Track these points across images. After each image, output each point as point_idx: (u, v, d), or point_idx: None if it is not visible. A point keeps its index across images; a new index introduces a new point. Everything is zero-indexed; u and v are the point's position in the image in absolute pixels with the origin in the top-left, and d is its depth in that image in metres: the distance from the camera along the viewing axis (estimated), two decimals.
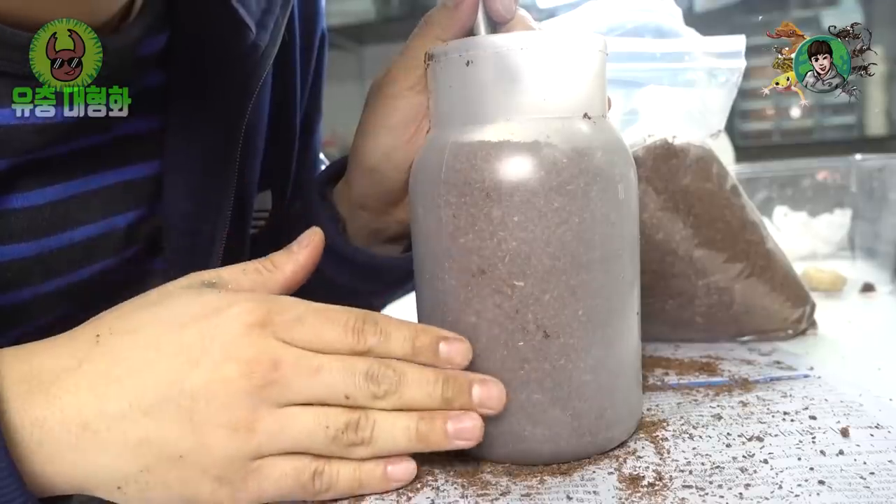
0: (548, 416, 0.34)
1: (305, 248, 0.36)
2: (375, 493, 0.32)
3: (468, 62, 0.34)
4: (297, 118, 0.56)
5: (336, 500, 0.32)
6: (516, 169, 0.33)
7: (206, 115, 0.44)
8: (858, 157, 0.86)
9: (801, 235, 0.90)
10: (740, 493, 0.30)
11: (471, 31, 0.38)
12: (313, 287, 0.37)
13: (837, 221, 0.90)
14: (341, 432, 0.31)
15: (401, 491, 0.33)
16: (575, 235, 0.33)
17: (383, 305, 0.56)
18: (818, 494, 0.30)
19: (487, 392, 0.32)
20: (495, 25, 0.37)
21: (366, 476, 0.32)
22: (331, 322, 0.32)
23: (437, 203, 0.34)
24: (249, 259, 0.37)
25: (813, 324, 0.55)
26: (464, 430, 0.32)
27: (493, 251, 0.33)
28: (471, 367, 0.34)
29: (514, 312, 0.33)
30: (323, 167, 0.63)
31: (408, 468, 0.32)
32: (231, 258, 0.47)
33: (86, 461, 0.29)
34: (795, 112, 2.46)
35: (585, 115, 0.34)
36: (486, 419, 0.32)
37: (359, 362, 0.31)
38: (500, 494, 0.32)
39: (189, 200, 0.45)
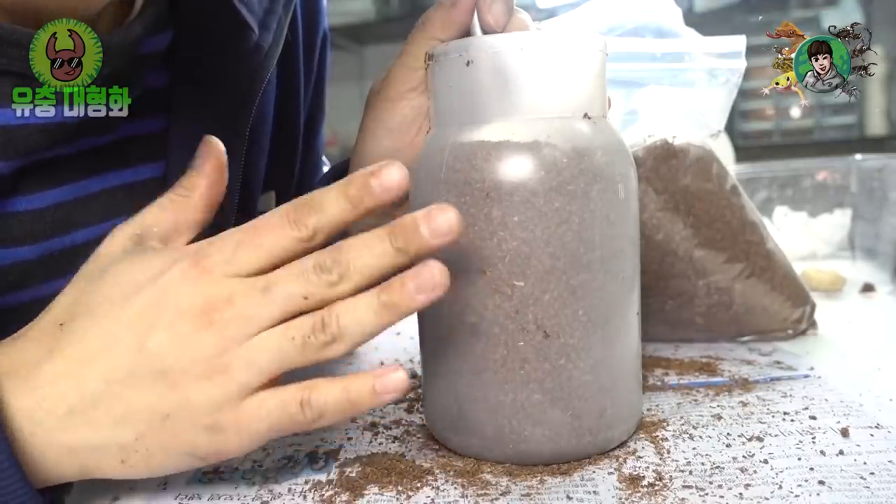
0: (548, 416, 0.34)
1: (207, 160, 0.35)
2: (369, 409, 0.31)
3: (468, 62, 0.34)
4: (301, 119, 0.56)
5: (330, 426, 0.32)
6: (516, 169, 0.33)
7: (210, 116, 0.44)
8: (858, 157, 0.86)
9: (801, 235, 0.90)
10: (740, 493, 0.30)
11: (469, 31, 0.38)
12: None
13: (837, 221, 0.90)
14: (308, 336, 0.30)
15: (400, 490, 0.33)
16: (575, 235, 0.33)
17: None
18: (818, 494, 0.30)
19: (433, 221, 0.30)
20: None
21: (355, 394, 0.31)
22: (267, 228, 0.31)
23: (438, 202, 0.34)
24: None
25: (813, 324, 0.55)
26: (424, 282, 0.30)
27: (493, 251, 0.33)
28: (472, 365, 0.34)
29: (514, 312, 0.33)
30: (325, 169, 0.63)
31: (396, 377, 0.31)
32: None
33: (81, 443, 0.30)
34: (795, 112, 2.46)
35: (586, 115, 0.34)
36: (491, 415, 0.31)
37: (305, 260, 0.31)
38: (500, 494, 0.32)
39: None
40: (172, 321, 0.30)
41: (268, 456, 0.38)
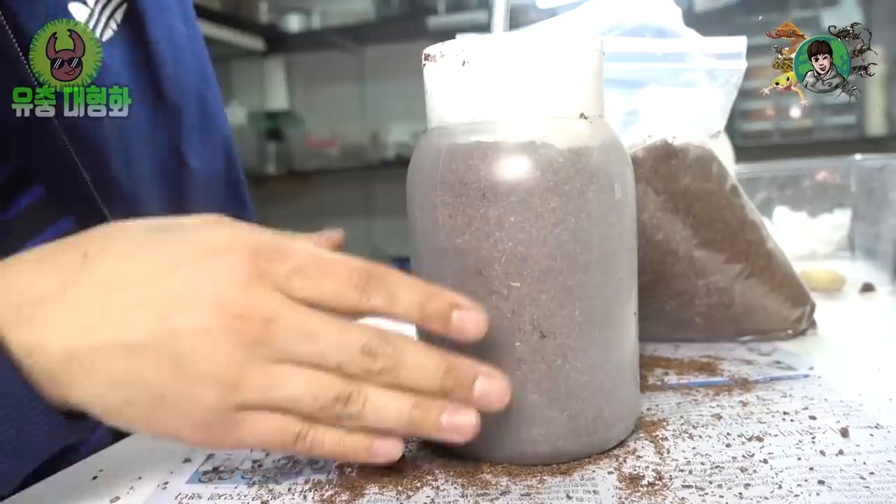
0: (544, 416, 0.34)
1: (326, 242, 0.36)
2: (357, 461, 0.32)
3: (464, 62, 0.34)
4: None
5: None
6: (512, 169, 0.33)
7: None
8: (858, 157, 0.86)
9: (800, 235, 0.90)
10: (740, 493, 0.30)
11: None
12: None
13: (837, 221, 0.90)
14: (330, 402, 0.30)
15: (400, 489, 0.33)
16: (571, 236, 0.33)
17: None
18: (818, 494, 0.30)
19: (490, 388, 0.30)
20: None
21: (350, 446, 0.31)
22: (334, 275, 0.30)
23: (434, 203, 0.34)
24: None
25: (813, 324, 0.55)
26: (459, 426, 0.30)
27: (490, 252, 0.33)
28: None
29: (510, 313, 0.33)
30: None
31: (395, 446, 0.31)
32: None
33: (75, 389, 0.29)
34: (795, 112, 2.46)
35: (582, 115, 0.34)
36: (487, 415, 0.31)
37: (357, 333, 0.30)
38: (500, 494, 0.32)
39: None
40: (206, 309, 0.29)
41: (268, 456, 0.38)
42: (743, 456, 0.34)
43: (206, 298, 0.29)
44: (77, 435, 0.31)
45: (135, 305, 0.29)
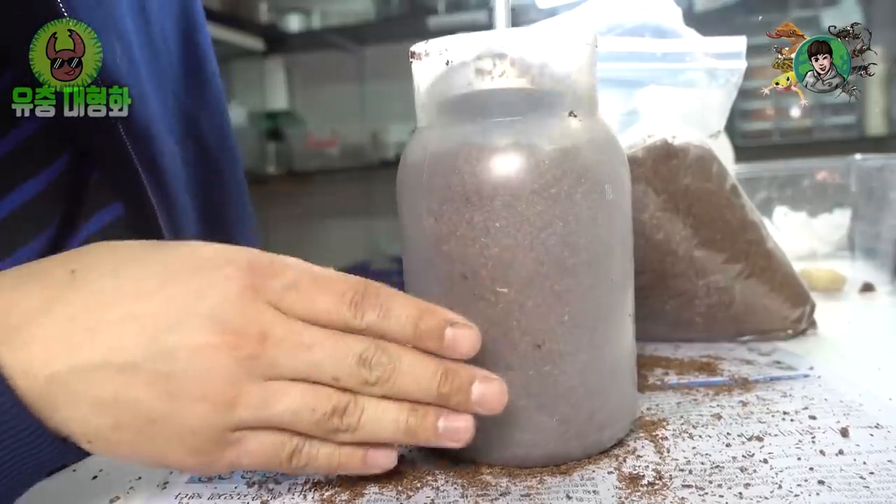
0: (533, 421, 0.33)
1: None
2: (352, 473, 0.32)
3: (447, 62, 0.33)
4: None
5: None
6: (497, 172, 0.32)
7: None
8: (858, 157, 0.86)
9: (800, 235, 0.90)
10: (740, 493, 0.30)
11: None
12: None
13: (837, 221, 0.90)
14: (327, 417, 0.29)
15: (400, 490, 0.33)
16: (559, 239, 0.32)
17: None
18: (818, 494, 0.30)
19: (488, 391, 0.30)
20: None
21: (345, 459, 0.30)
22: (328, 291, 0.30)
23: (420, 208, 0.34)
24: None
25: (813, 324, 0.55)
26: (455, 431, 0.30)
27: (476, 258, 0.32)
28: None
29: (498, 319, 0.32)
30: None
31: (388, 455, 0.31)
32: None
33: (59, 414, 0.28)
34: (795, 112, 2.46)
35: (571, 114, 0.33)
36: (478, 420, 0.31)
37: (353, 343, 0.29)
38: (500, 495, 0.32)
39: None
40: (200, 325, 0.28)
41: None
42: (743, 456, 0.34)
43: (200, 314, 0.28)
44: (72, 457, 0.30)
45: (125, 323, 0.28)
